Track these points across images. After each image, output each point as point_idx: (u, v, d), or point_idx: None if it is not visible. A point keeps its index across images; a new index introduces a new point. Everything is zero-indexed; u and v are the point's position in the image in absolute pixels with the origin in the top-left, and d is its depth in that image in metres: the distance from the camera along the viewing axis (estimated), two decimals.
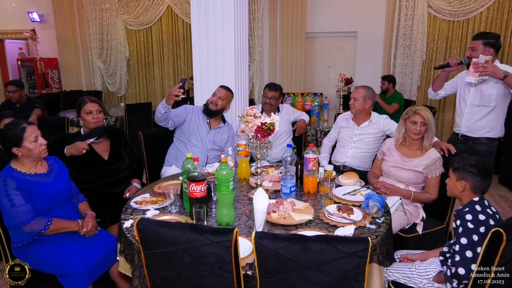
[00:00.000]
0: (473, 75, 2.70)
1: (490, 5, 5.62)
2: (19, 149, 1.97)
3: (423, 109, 2.41)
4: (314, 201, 2.14)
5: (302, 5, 6.41)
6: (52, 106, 6.36)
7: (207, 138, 3.03)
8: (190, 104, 3.39)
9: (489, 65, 2.60)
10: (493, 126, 2.93)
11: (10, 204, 1.88)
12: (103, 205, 2.49)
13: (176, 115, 2.94)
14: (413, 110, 2.42)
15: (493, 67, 2.61)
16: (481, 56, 2.67)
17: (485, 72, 2.60)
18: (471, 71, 2.71)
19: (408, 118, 2.43)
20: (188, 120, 3.01)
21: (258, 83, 6.88)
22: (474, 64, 2.67)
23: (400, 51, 6.22)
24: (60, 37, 7.82)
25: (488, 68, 2.59)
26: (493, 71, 2.59)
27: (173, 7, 7.09)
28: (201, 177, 1.85)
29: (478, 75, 2.66)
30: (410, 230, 2.44)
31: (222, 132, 3.11)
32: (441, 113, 6.27)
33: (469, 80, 2.78)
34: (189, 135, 3.00)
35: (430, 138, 2.44)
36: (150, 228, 1.39)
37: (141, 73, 7.81)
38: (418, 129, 2.39)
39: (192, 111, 3.04)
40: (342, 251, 1.24)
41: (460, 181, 1.83)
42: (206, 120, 3.03)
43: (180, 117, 2.98)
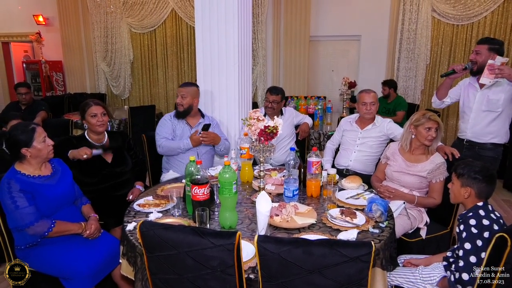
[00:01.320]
0: (488, 77, 2.64)
1: (495, 9, 5.61)
2: (28, 149, 1.98)
3: (434, 115, 2.41)
4: (317, 205, 2.13)
5: (306, 9, 6.42)
6: (57, 109, 6.39)
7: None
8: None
9: (505, 67, 2.56)
10: (498, 132, 2.90)
11: (14, 206, 1.89)
12: (107, 208, 2.49)
13: (170, 134, 2.97)
14: (426, 117, 2.38)
15: (509, 69, 2.56)
16: (497, 58, 2.62)
17: (501, 74, 2.56)
18: (486, 73, 2.64)
19: (421, 125, 2.39)
20: (174, 130, 3.01)
21: (262, 87, 6.88)
22: (489, 66, 2.61)
23: (404, 54, 6.21)
24: (65, 40, 7.87)
25: (504, 70, 2.54)
26: (509, 73, 2.54)
27: (177, 11, 7.13)
28: (204, 180, 1.86)
29: (493, 77, 2.61)
30: (414, 234, 2.42)
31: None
32: (445, 118, 6.25)
33: (483, 81, 2.70)
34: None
35: (438, 142, 2.44)
36: (152, 231, 1.39)
37: (145, 76, 7.85)
38: (433, 135, 2.37)
39: (170, 119, 3.02)
40: (345, 255, 1.23)
41: (465, 188, 1.82)
42: (184, 122, 3.02)
43: (171, 133, 2.98)
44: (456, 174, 1.86)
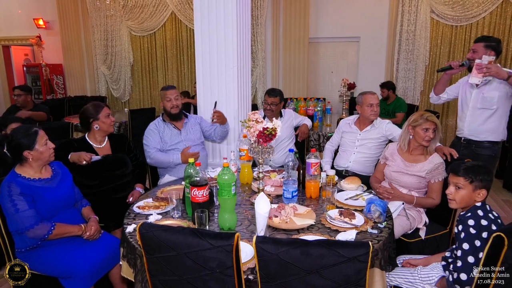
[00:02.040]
0: (477, 76, 2.66)
1: (493, 10, 5.63)
2: (30, 152, 2.00)
3: (432, 115, 2.41)
4: (316, 206, 2.14)
5: (305, 11, 6.44)
6: (57, 112, 6.41)
7: (183, 140, 3.02)
8: (194, 113, 3.40)
9: (492, 65, 2.58)
10: (495, 129, 2.91)
11: (14, 209, 1.90)
12: (107, 210, 2.51)
13: (159, 143, 2.97)
14: (424, 118, 2.39)
15: (496, 67, 2.59)
16: (484, 57, 2.64)
17: (489, 72, 2.58)
18: (474, 72, 2.67)
19: (419, 125, 2.39)
20: (162, 141, 3.00)
21: (261, 88, 6.89)
22: (477, 65, 2.63)
23: (403, 56, 6.23)
24: (65, 43, 7.90)
25: (491, 69, 2.57)
26: (496, 71, 2.57)
27: (176, 13, 7.15)
28: (203, 182, 1.87)
29: (481, 76, 2.63)
30: (413, 235, 2.43)
31: (191, 125, 3.11)
32: (444, 118, 6.26)
33: (472, 81, 2.73)
34: (169, 149, 3.00)
35: (436, 142, 2.45)
36: (152, 233, 1.40)
37: (145, 79, 7.87)
38: (431, 136, 2.37)
39: (157, 128, 3.01)
40: (343, 256, 1.24)
41: (479, 190, 1.77)
42: (171, 126, 3.03)
43: (159, 142, 2.98)
44: (468, 180, 1.77)
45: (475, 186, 1.77)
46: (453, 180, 1.83)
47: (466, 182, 1.78)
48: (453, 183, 1.83)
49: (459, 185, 1.80)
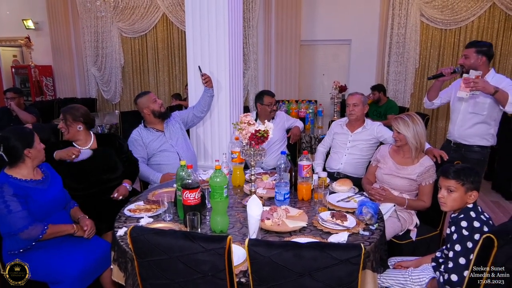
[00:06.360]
0: (464, 90, 2.69)
1: (481, 14, 5.72)
2: (30, 150, 2.00)
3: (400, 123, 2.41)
4: (308, 208, 2.14)
5: (296, 13, 6.46)
6: (46, 114, 6.33)
7: (169, 141, 3.03)
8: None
9: (479, 80, 2.60)
10: (484, 134, 2.95)
11: (6, 210, 1.87)
12: (97, 212, 2.46)
13: (144, 152, 2.98)
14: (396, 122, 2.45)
15: (483, 82, 2.61)
16: (471, 71, 2.68)
17: (475, 87, 2.59)
18: (462, 86, 2.69)
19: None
20: (147, 148, 2.99)
21: (253, 91, 6.89)
22: (464, 80, 2.66)
23: (394, 58, 6.28)
24: (54, 44, 7.80)
25: (479, 84, 2.58)
26: (483, 86, 2.59)
27: (168, 15, 7.12)
28: (195, 185, 1.86)
29: (469, 90, 2.65)
30: (404, 236, 2.44)
31: (171, 124, 3.13)
32: (434, 121, 6.32)
33: (460, 95, 2.76)
34: (158, 156, 3.00)
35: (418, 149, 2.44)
36: (143, 236, 1.38)
37: (136, 81, 7.81)
38: (395, 137, 2.47)
39: (139, 135, 3.00)
40: (335, 258, 1.24)
41: (471, 192, 1.78)
42: (153, 130, 3.03)
43: (144, 150, 2.98)
44: (461, 183, 1.77)
45: (467, 188, 1.77)
46: (444, 183, 1.83)
47: (458, 185, 1.78)
48: (445, 186, 1.83)
49: (451, 188, 1.80)
